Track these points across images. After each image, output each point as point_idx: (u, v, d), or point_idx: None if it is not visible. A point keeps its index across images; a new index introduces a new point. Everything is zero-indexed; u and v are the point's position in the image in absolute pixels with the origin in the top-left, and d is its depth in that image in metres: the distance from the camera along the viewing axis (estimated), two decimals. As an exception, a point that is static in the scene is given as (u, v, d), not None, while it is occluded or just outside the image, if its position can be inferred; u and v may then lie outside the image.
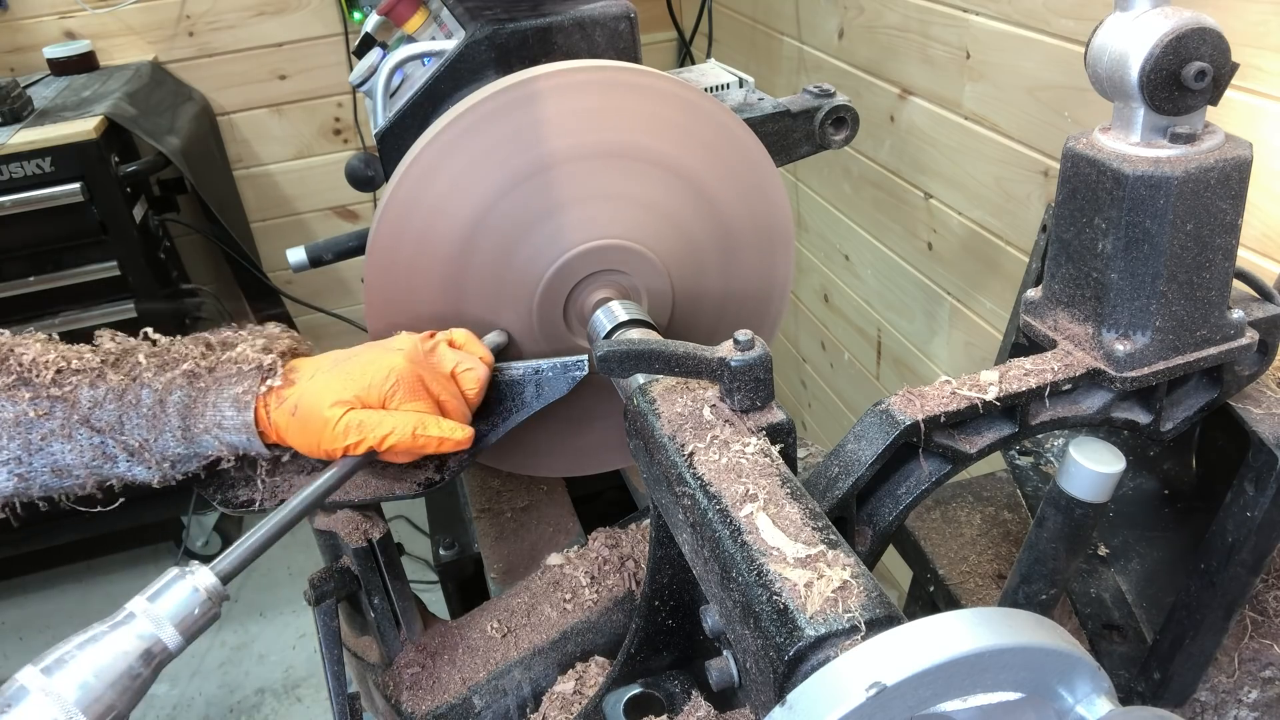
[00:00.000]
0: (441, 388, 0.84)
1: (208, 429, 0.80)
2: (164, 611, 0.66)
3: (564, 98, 0.93)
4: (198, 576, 0.68)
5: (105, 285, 2.21)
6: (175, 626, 0.66)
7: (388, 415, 0.80)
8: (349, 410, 0.79)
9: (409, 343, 0.85)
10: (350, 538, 0.88)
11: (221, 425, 0.80)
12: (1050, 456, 1.11)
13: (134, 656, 0.63)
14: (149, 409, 0.78)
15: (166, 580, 0.68)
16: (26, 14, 2.44)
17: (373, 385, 0.80)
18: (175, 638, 0.66)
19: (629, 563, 0.99)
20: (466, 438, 0.83)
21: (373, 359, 0.82)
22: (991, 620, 0.45)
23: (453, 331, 0.90)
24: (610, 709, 0.83)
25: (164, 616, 0.65)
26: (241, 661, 2.51)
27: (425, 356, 0.85)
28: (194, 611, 0.67)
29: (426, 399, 0.83)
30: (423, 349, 0.85)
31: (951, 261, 1.76)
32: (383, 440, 0.79)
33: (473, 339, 0.90)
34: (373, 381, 0.80)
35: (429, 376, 0.83)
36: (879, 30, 1.82)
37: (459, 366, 0.86)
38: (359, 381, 0.80)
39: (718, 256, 1.04)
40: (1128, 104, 0.68)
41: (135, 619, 0.65)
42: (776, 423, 0.70)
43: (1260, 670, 0.89)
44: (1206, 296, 0.72)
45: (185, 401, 0.79)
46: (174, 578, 0.68)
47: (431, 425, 0.81)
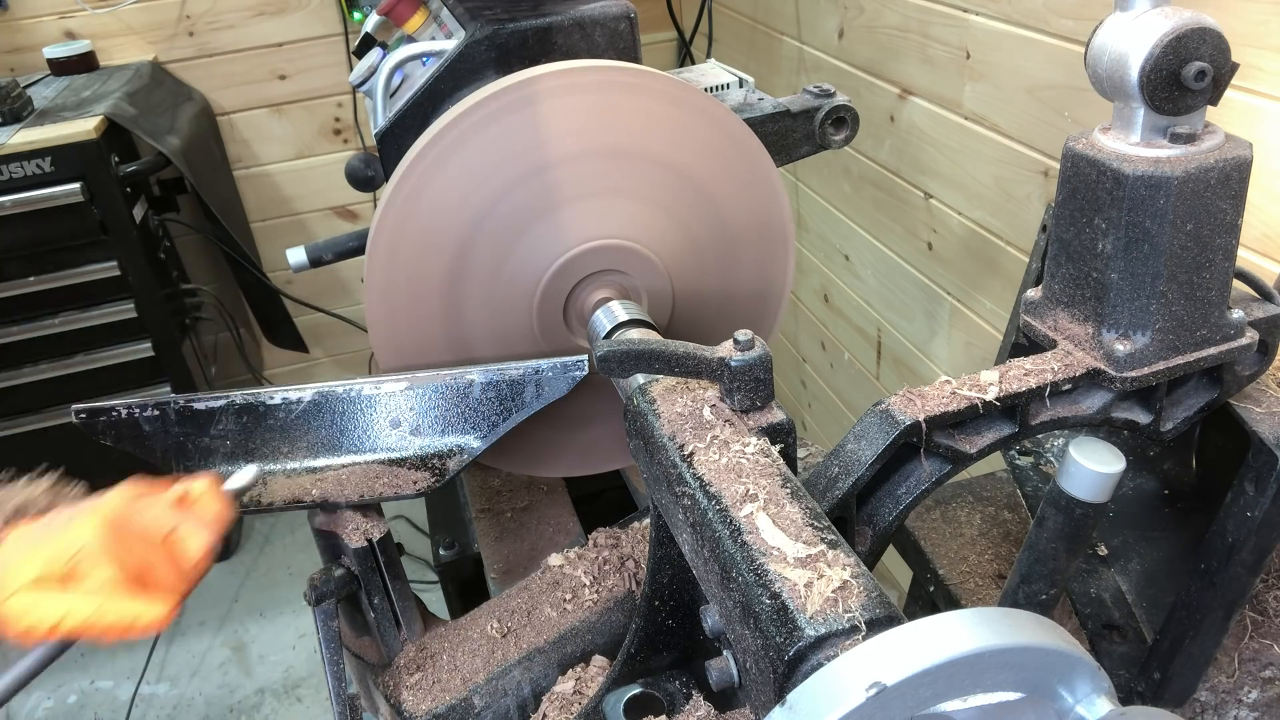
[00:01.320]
0: (150, 553, 0.74)
1: None
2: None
3: (564, 98, 0.93)
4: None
5: (105, 285, 2.21)
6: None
7: (64, 598, 0.70)
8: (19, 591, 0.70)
9: (118, 500, 0.76)
10: (350, 538, 0.88)
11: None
12: (1050, 456, 1.11)
13: None
14: None
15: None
16: (26, 14, 2.44)
17: (54, 557, 0.71)
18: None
19: (629, 563, 0.99)
20: (160, 619, 0.72)
21: (63, 526, 0.73)
22: (991, 620, 0.45)
23: (193, 482, 0.81)
24: (610, 709, 0.83)
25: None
26: (241, 661, 2.51)
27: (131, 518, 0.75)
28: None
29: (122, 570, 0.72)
30: (129, 510, 0.76)
31: (951, 261, 1.76)
32: (54, 627, 0.69)
33: (210, 493, 0.81)
34: (54, 552, 0.71)
35: (131, 543, 0.73)
36: (879, 30, 1.82)
37: (176, 531, 0.76)
38: (40, 553, 0.71)
39: (718, 256, 1.04)
40: (1128, 104, 0.68)
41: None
42: (776, 423, 0.70)
43: (1260, 670, 0.89)
44: (1206, 296, 0.72)
45: None
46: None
47: (112, 609, 0.70)
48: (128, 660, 2.49)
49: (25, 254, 2.14)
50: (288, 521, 2.92)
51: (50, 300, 2.20)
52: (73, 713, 2.39)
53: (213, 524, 0.79)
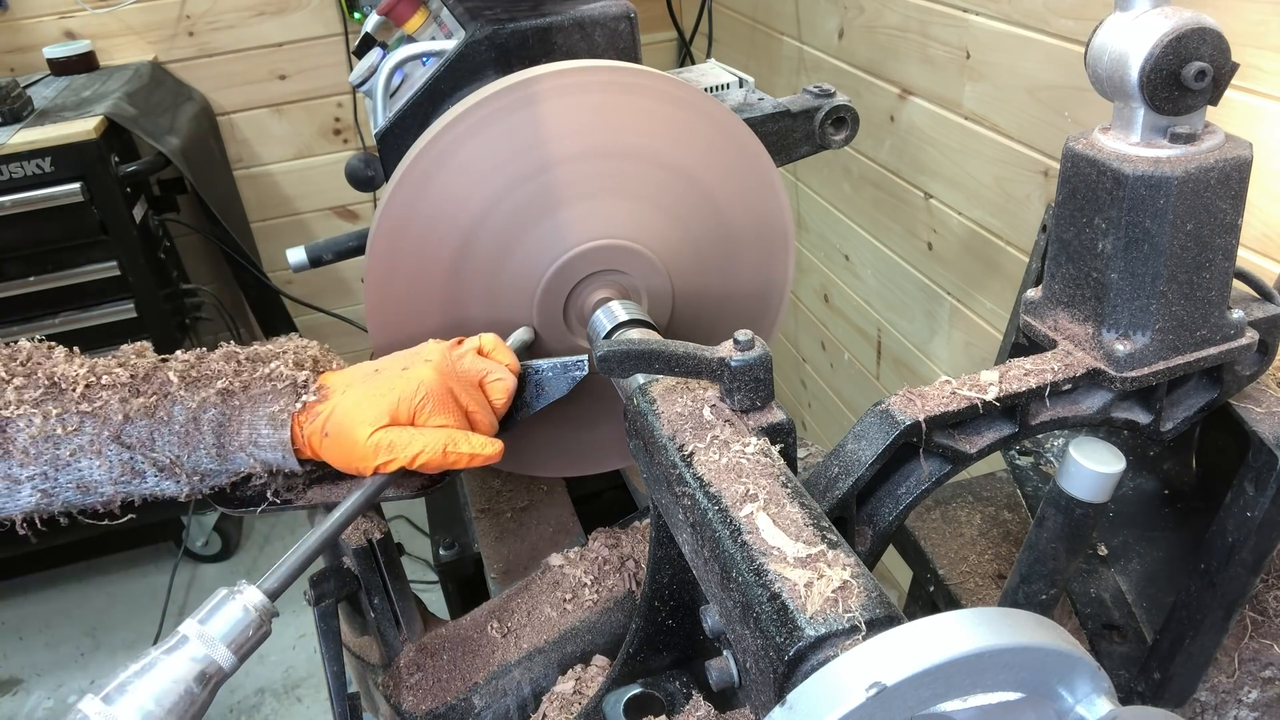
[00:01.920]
0: (470, 399, 0.83)
1: (242, 446, 0.79)
2: (216, 632, 0.66)
3: (564, 98, 0.93)
4: (246, 595, 0.68)
5: (105, 285, 2.21)
6: (228, 647, 0.66)
7: (418, 434, 0.79)
8: (379, 429, 0.78)
9: (438, 353, 0.84)
10: (350, 538, 0.88)
11: (257, 443, 0.79)
12: (1050, 456, 1.11)
13: (190, 679, 0.64)
14: (182, 426, 0.78)
15: (216, 601, 0.68)
16: (26, 14, 2.44)
17: (401, 401, 0.79)
18: (229, 658, 0.66)
19: (629, 563, 0.99)
20: (496, 452, 0.82)
21: (401, 373, 0.81)
22: (991, 620, 0.45)
23: (481, 337, 0.89)
24: (610, 709, 0.83)
25: (216, 638, 0.66)
26: (241, 661, 2.51)
27: (454, 366, 0.84)
28: (245, 630, 0.68)
29: (455, 412, 0.82)
30: (451, 358, 0.84)
31: (951, 261, 1.76)
32: (414, 459, 0.78)
33: (500, 345, 0.89)
34: (401, 397, 0.79)
35: (458, 388, 0.82)
36: (879, 30, 1.82)
37: (488, 376, 0.85)
38: (388, 397, 0.79)
39: (718, 256, 1.04)
40: (1128, 104, 0.68)
41: (189, 642, 0.65)
42: (776, 423, 0.70)
43: (1260, 670, 0.89)
44: (1206, 296, 0.72)
45: (220, 419, 0.79)
46: (223, 598, 0.68)
47: (462, 442, 0.80)
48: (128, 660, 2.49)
49: (25, 254, 2.14)
50: (288, 521, 2.92)
51: (50, 300, 2.20)
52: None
53: (510, 369, 0.87)
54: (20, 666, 2.54)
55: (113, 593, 2.72)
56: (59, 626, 2.64)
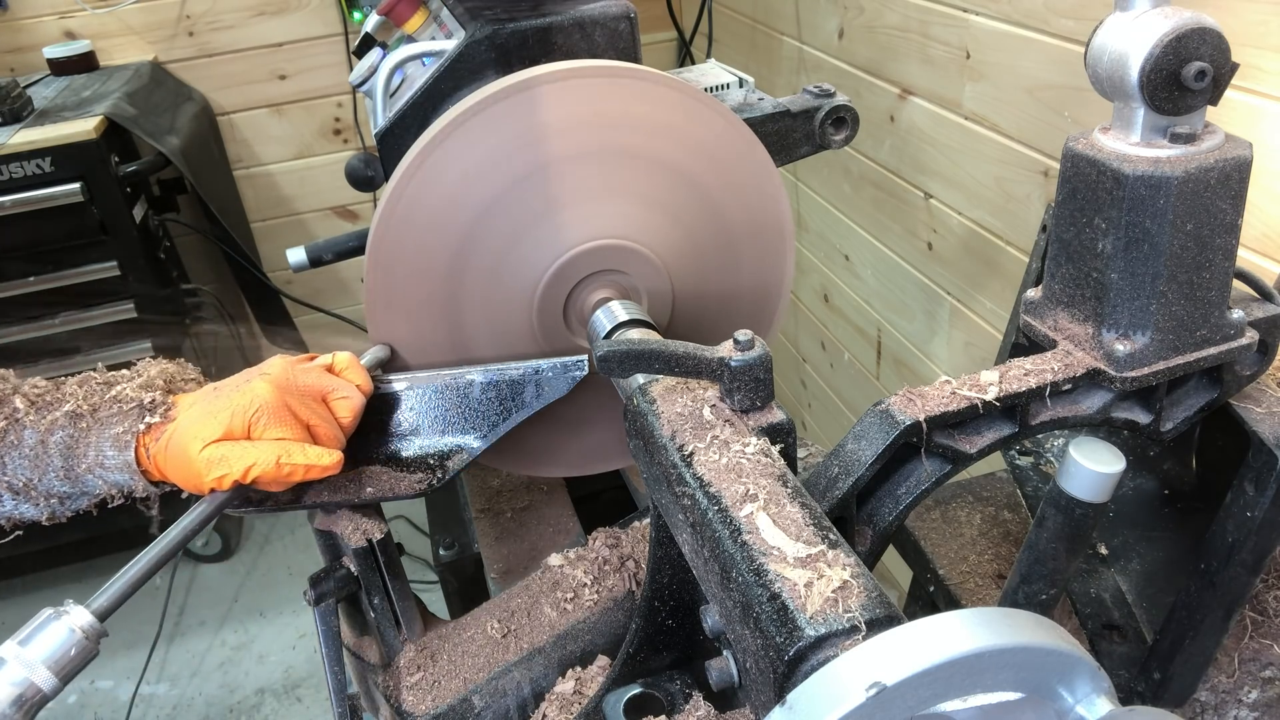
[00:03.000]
0: (311, 413, 0.83)
1: (90, 469, 0.80)
2: (37, 655, 0.65)
3: (564, 98, 0.93)
4: (73, 616, 0.67)
5: (105, 285, 2.21)
6: (49, 669, 0.65)
7: (251, 447, 0.78)
8: (210, 444, 0.77)
9: (277, 367, 0.84)
10: (350, 538, 0.88)
11: (104, 465, 0.79)
12: (1050, 456, 1.11)
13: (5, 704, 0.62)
14: (31, 449, 0.79)
15: (39, 622, 0.67)
16: (26, 14, 2.44)
17: (235, 415, 0.79)
18: (50, 680, 0.65)
19: (629, 563, 0.99)
20: (334, 463, 0.81)
21: (239, 388, 0.81)
22: (991, 620, 0.45)
23: (335, 355, 0.89)
24: (610, 709, 0.83)
25: (37, 660, 0.64)
26: (241, 661, 2.51)
27: (294, 380, 0.83)
28: (69, 651, 0.66)
29: (294, 425, 0.81)
30: (292, 372, 0.84)
31: (951, 261, 1.76)
32: (246, 472, 0.77)
33: (354, 364, 0.89)
34: (235, 411, 0.79)
35: (296, 402, 0.82)
36: (879, 30, 1.82)
37: (333, 394, 0.85)
38: (223, 412, 0.79)
39: (718, 256, 1.04)
40: (1128, 104, 0.68)
41: (5, 664, 0.64)
42: (776, 423, 0.70)
43: (1260, 670, 0.89)
44: (1206, 296, 0.72)
45: (67, 442, 0.79)
46: (48, 618, 0.67)
47: (296, 453, 0.79)
48: (127, 660, 2.49)
49: (25, 254, 2.14)
50: (288, 521, 2.92)
51: (50, 300, 2.20)
52: (73, 713, 2.39)
53: (360, 388, 0.87)
54: (20, 666, 2.54)
55: (113, 593, 2.71)
56: (59, 626, 2.64)
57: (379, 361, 0.95)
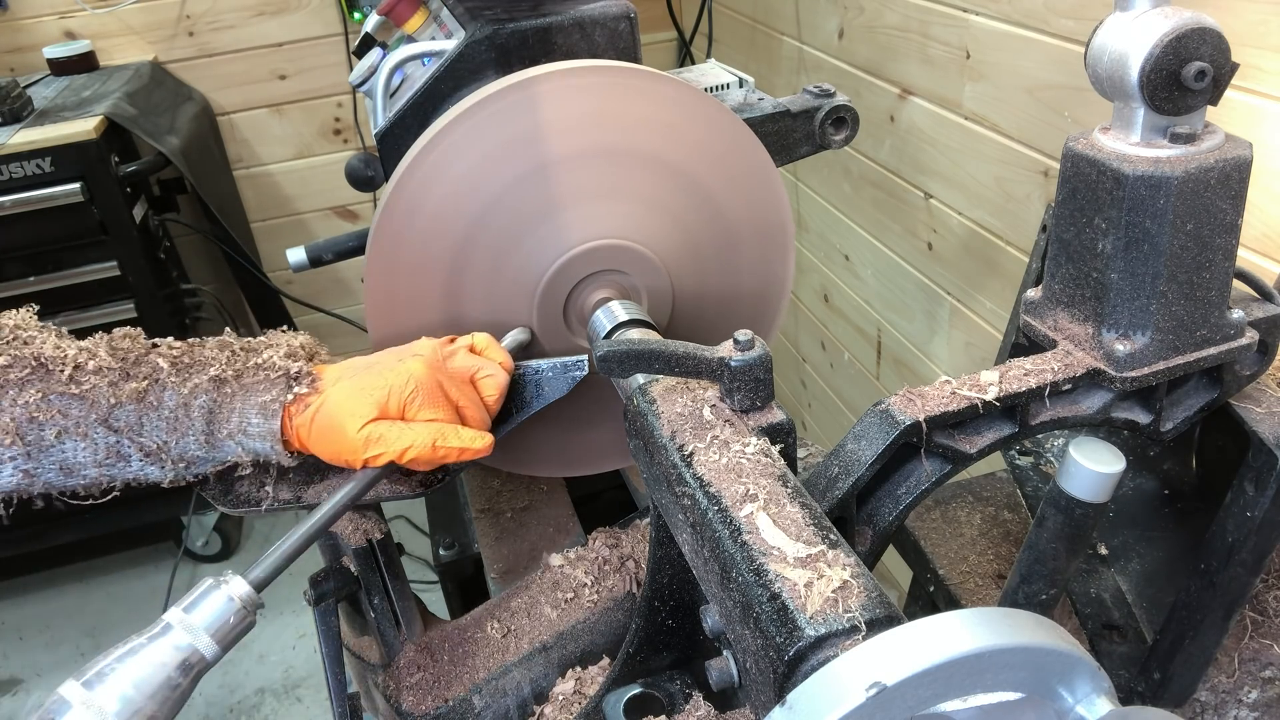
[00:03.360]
0: (461, 394, 0.83)
1: (232, 434, 0.79)
2: (200, 622, 0.66)
3: (564, 98, 0.93)
4: (232, 585, 0.68)
5: (105, 285, 2.21)
6: (211, 636, 0.66)
7: (407, 428, 0.79)
8: (369, 422, 0.78)
9: (429, 348, 0.85)
10: (350, 538, 0.88)
11: (246, 431, 0.79)
12: (1050, 456, 1.11)
13: (172, 667, 0.64)
14: (171, 412, 0.78)
15: (201, 590, 0.68)
16: (26, 14, 2.44)
17: (392, 394, 0.79)
18: (212, 647, 0.66)
19: (629, 563, 0.99)
20: (486, 446, 0.83)
21: (393, 367, 0.82)
22: (991, 620, 0.45)
23: (474, 336, 0.89)
24: (610, 709, 0.83)
25: (200, 627, 0.66)
26: (241, 661, 2.51)
27: (444, 362, 0.84)
28: (229, 620, 0.67)
29: (446, 407, 0.82)
30: (442, 354, 0.85)
31: (951, 261, 1.76)
32: (403, 453, 0.78)
33: (493, 344, 0.89)
34: (392, 390, 0.79)
35: (448, 383, 0.82)
36: (879, 30, 1.82)
37: (479, 373, 0.86)
38: (379, 391, 0.79)
39: (718, 256, 1.04)
40: (1128, 104, 0.68)
41: (172, 630, 0.65)
42: (776, 423, 0.70)
43: (1260, 670, 0.89)
44: (1206, 296, 0.72)
45: (210, 406, 0.79)
46: (209, 588, 0.68)
47: (451, 436, 0.80)
48: (128, 660, 2.49)
49: (25, 254, 2.14)
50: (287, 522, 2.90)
51: (50, 300, 2.19)
52: (73, 713, 2.39)
53: (503, 366, 0.87)
54: (20, 666, 2.54)
55: (113, 593, 2.72)
56: (59, 626, 2.64)
57: (520, 344, 0.95)
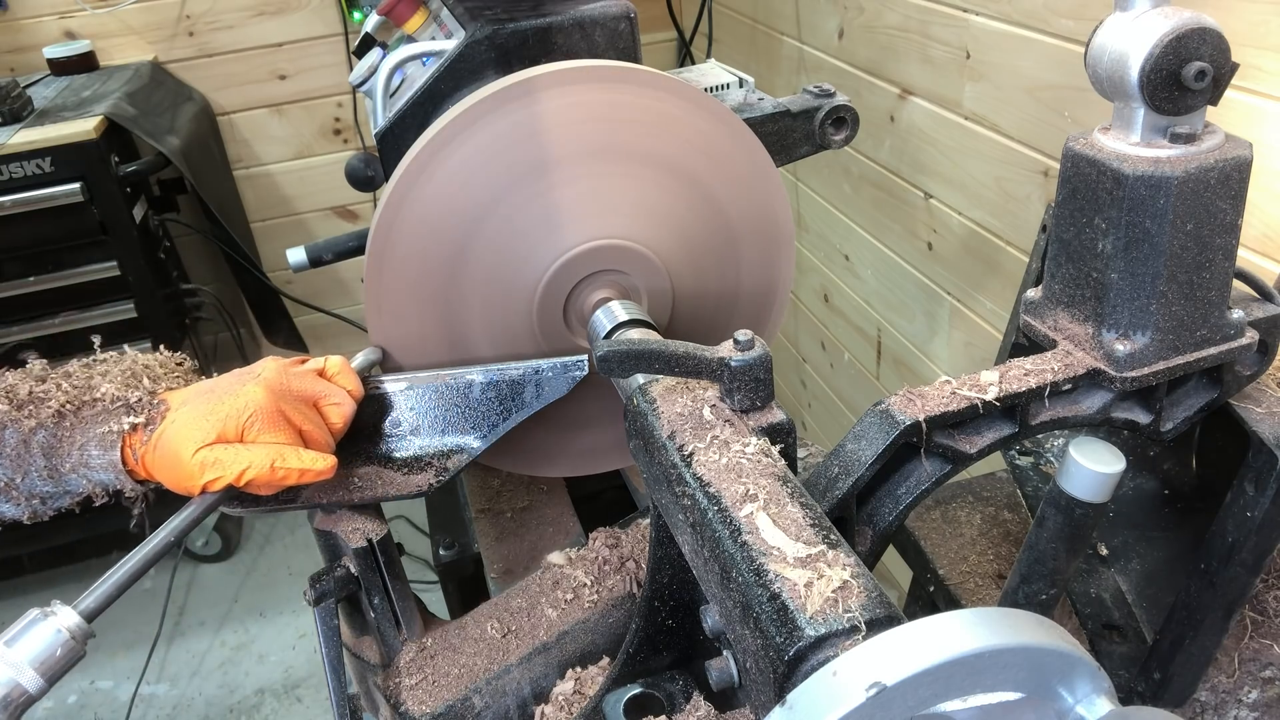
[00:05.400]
0: (304, 417, 0.83)
1: (75, 468, 0.79)
2: (24, 655, 0.64)
3: (564, 98, 0.93)
4: (60, 617, 0.67)
5: (105, 285, 2.21)
6: (36, 670, 0.64)
7: (245, 449, 0.78)
8: (204, 446, 0.77)
9: (271, 370, 0.84)
10: (350, 538, 0.88)
11: (88, 464, 0.79)
12: (1050, 456, 1.11)
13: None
14: (13, 449, 0.78)
15: (26, 623, 0.66)
16: (26, 14, 2.44)
17: (229, 418, 0.78)
18: (36, 681, 0.64)
19: (629, 563, 0.99)
20: (329, 467, 0.82)
21: (233, 391, 0.81)
22: (991, 620, 0.45)
23: (327, 359, 0.89)
24: (610, 709, 0.83)
25: (23, 661, 0.64)
26: (241, 661, 2.51)
27: (287, 385, 0.83)
28: (56, 653, 0.66)
29: (287, 429, 0.81)
30: (285, 377, 0.84)
31: (951, 261, 1.76)
32: (240, 475, 0.77)
33: (345, 369, 0.89)
34: (229, 414, 0.79)
35: (290, 407, 0.82)
36: (879, 30, 1.82)
37: (325, 400, 0.86)
38: (216, 415, 0.79)
39: (718, 256, 1.04)
40: (1128, 104, 0.68)
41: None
42: (776, 423, 0.70)
43: (1260, 670, 0.89)
44: (1206, 296, 0.72)
45: (50, 442, 0.78)
46: (34, 619, 0.66)
47: (291, 457, 0.79)
48: (127, 660, 2.49)
49: (25, 254, 2.14)
50: (288, 521, 2.92)
51: (50, 300, 2.20)
52: (73, 713, 2.39)
53: (351, 393, 0.88)
54: (20, 666, 2.54)
55: (113, 593, 2.71)
56: (59, 626, 2.64)
57: (370, 364, 0.95)
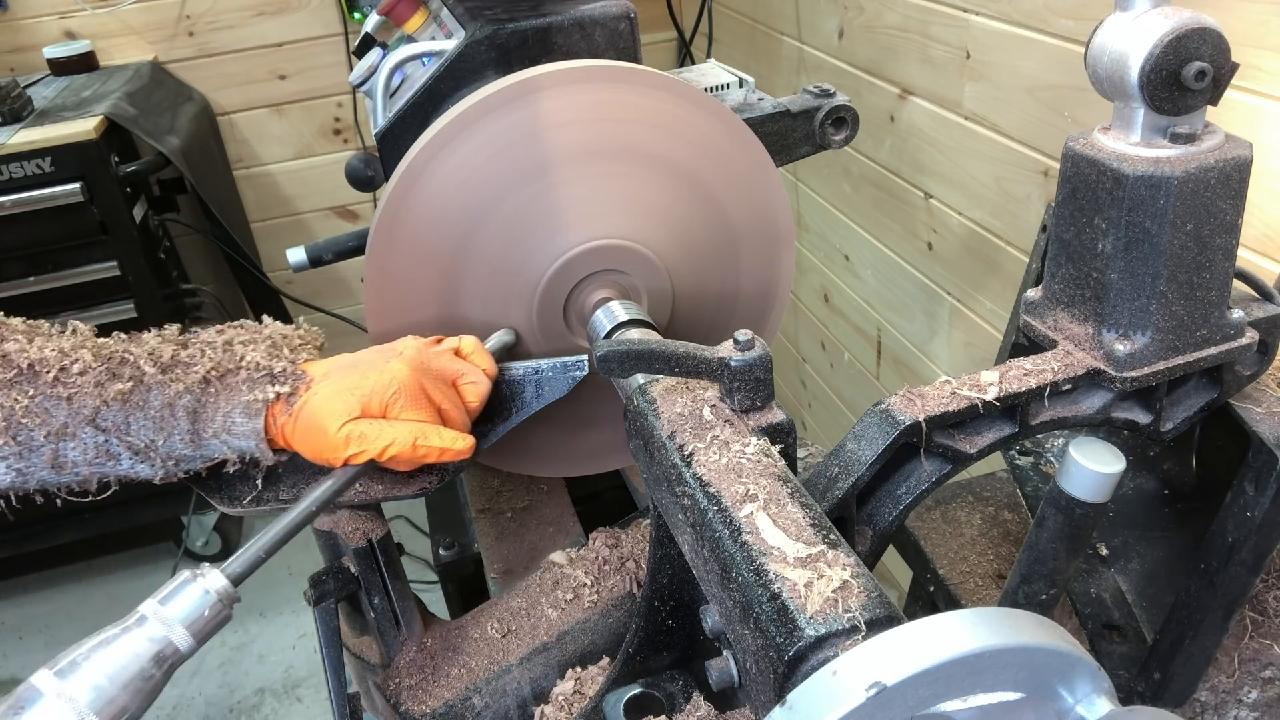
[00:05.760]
0: (443, 396, 0.83)
1: (216, 434, 0.80)
2: (175, 614, 0.66)
3: (564, 98, 0.93)
4: (208, 579, 0.68)
5: (105, 285, 2.21)
6: (186, 629, 0.66)
7: (388, 426, 0.79)
8: (350, 420, 0.78)
9: (413, 348, 0.85)
10: (350, 538, 0.88)
11: (231, 431, 0.80)
12: (1050, 456, 1.11)
13: (146, 659, 0.63)
14: (157, 411, 0.78)
15: (178, 583, 0.68)
16: (26, 14, 2.44)
17: (374, 393, 0.80)
18: (186, 639, 0.66)
19: (629, 563, 0.99)
20: (467, 447, 0.83)
21: (376, 366, 0.82)
22: (991, 620, 0.45)
23: (461, 339, 0.90)
24: (610, 709, 0.83)
25: (175, 619, 0.66)
26: (241, 661, 2.51)
27: (428, 363, 0.84)
28: (204, 613, 0.67)
29: (428, 407, 0.82)
30: (426, 355, 0.85)
31: (951, 261, 1.76)
32: (383, 451, 0.78)
33: (479, 349, 0.90)
34: (374, 389, 0.80)
35: (431, 385, 0.83)
36: (879, 30, 1.82)
37: (462, 378, 0.86)
38: (361, 389, 0.80)
39: (718, 256, 1.04)
40: (1128, 104, 0.68)
41: (147, 621, 0.65)
42: (776, 423, 0.70)
43: (1260, 670, 0.89)
44: (1206, 296, 0.72)
45: (194, 406, 0.79)
46: (185, 580, 0.68)
47: (433, 436, 0.80)
48: (128, 660, 2.49)
49: (25, 254, 2.14)
50: (288, 521, 2.92)
51: (50, 300, 2.20)
52: (73, 713, 2.39)
53: (486, 373, 0.88)
54: (20, 666, 2.54)
55: (112, 593, 2.71)
56: (59, 626, 2.64)
57: (505, 346, 0.96)
